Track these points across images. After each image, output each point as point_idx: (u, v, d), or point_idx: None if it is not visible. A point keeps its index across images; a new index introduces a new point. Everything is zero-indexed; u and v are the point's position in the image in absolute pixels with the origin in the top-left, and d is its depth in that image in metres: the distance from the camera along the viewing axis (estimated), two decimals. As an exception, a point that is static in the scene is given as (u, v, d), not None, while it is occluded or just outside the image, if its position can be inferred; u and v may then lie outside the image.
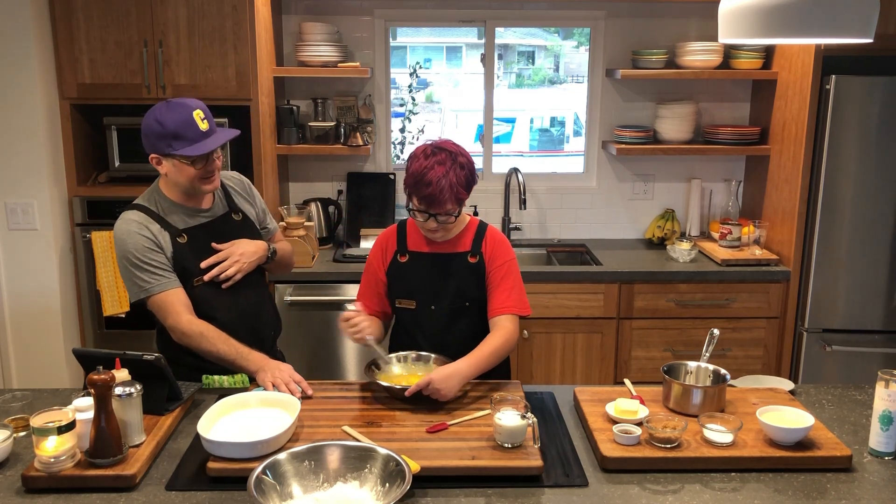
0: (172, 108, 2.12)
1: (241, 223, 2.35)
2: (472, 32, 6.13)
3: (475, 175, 2.22)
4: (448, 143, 2.21)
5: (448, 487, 1.71)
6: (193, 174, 2.15)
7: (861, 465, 1.84)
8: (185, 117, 2.10)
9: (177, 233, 2.20)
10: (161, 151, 2.13)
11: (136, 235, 2.14)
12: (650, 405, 2.02)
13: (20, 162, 3.25)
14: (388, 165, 4.00)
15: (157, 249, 2.15)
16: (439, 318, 2.29)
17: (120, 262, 2.17)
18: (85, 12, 3.26)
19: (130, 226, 2.16)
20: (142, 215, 2.19)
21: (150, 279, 2.15)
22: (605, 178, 4.02)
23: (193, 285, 2.22)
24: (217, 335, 2.16)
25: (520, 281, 2.30)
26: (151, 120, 2.12)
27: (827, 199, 3.32)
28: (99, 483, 1.70)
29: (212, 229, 2.27)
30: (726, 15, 1.86)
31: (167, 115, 2.10)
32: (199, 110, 2.13)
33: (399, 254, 2.31)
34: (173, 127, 2.09)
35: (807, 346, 3.45)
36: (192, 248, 2.21)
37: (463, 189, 2.16)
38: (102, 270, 3.36)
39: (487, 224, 2.34)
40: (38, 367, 3.41)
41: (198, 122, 2.12)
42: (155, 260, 2.15)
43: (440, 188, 2.11)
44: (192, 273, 2.21)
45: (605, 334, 3.48)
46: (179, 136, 2.09)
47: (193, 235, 2.22)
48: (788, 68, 3.48)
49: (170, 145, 2.10)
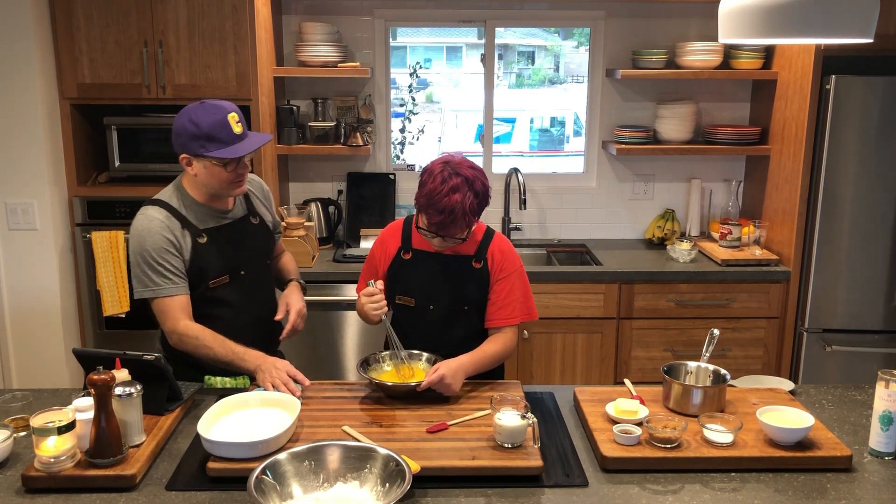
0: (207, 110, 2.10)
1: (258, 227, 2.36)
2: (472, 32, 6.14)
3: (489, 198, 2.18)
4: (464, 167, 2.13)
5: (448, 487, 1.71)
6: (224, 177, 2.14)
7: (861, 465, 1.83)
8: (220, 119, 2.09)
9: (198, 233, 2.19)
10: (193, 152, 2.10)
11: (156, 235, 2.12)
12: (650, 405, 2.02)
13: (20, 162, 3.25)
14: (388, 165, 4.00)
15: (174, 252, 2.14)
16: (436, 319, 2.29)
17: (134, 256, 2.15)
18: (85, 12, 3.26)
19: (152, 223, 2.14)
20: (164, 212, 2.16)
21: (160, 281, 2.14)
22: (605, 178, 4.02)
23: (209, 286, 2.22)
24: (213, 338, 2.15)
25: (527, 288, 2.30)
26: (185, 120, 2.10)
27: (827, 199, 3.32)
28: (99, 483, 1.70)
29: (231, 231, 2.27)
30: (726, 15, 1.86)
31: (202, 117, 2.08)
32: (234, 113, 2.13)
33: (403, 250, 2.31)
34: (208, 129, 2.07)
35: (807, 346, 3.45)
36: (211, 248, 2.21)
37: (475, 217, 2.15)
38: (102, 270, 3.36)
39: (495, 231, 2.33)
40: (38, 367, 3.41)
41: (232, 125, 2.11)
42: (170, 263, 2.14)
43: (453, 218, 2.09)
44: (209, 274, 2.21)
45: (605, 334, 3.48)
46: (213, 138, 2.08)
47: (213, 236, 2.22)
48: (788, 68, 3.48)
49: (203, 146, 2.08)
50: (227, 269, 2.24)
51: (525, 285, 2.30)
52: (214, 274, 2.22)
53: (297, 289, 2.46)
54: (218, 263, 2.22)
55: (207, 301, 2.22)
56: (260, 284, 2.35)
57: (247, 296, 2.29)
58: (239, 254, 2.27)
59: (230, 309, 2.26)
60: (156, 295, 2.15)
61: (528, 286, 2.31)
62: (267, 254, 2.40)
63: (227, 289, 2.25)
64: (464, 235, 2.19)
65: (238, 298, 2.27)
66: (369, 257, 2.38)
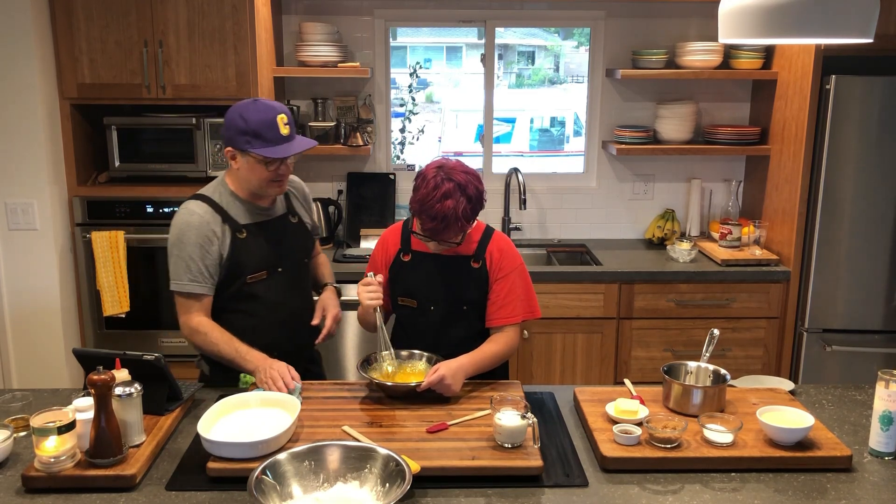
0: (258, 108, 2.14)
1: (296, 226, 2.39)
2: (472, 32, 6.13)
3: (483, 202, 2.18)
4: (457, 172, 2.12)
5: (448, 487, 1.71)
6: (265, 175, 2.18)
7: (861, 465, 1.83)
8: (269, 118, 2.13)
9: (238, 227, 2.23)
10: (238, 146, 2.15)
11: (195, 231, 2.17)
12: (650, 405, 2.02)
13: (20, 162, 3.25)
14: (388, 165, 4.00)
15: (209, 252, 2.18)
16: (437, 320, 2.29)
17: (170, 247, 2.20)
18: (85, 12, 3.26)
19: (192, 218, 2.18)
20: (205, 206, 2.20)
21: (188, 279, 2.18)
22: (605, 178, 4.02)
23: (247, 281, 2.25)
24: (220, 335, 2.18)
25: (529, 286, 2.30)
26: (236, 115, 2.14)
27: (827, 199, 3.32)
28: (99, 483, 1.70)
29: (270, 228, 2.30)
30: (726, 15, 1.86)
31: (252, 114, 2.13)
32: (283, 115, 2.16)
33: (402, 252, 2.31)
34: (255, 126, 2.11)
35: (807, 346, 3.45)
36: (250, 244, 2.25)
37: (468, 222, 2.15)
38: (102, 270, 3.36)
39: (494, 230, 2.32)
40: (38, 367, 3.41)
41: (280, 126, 2.14)
42: (202, 261, 2.17)
43: (446, 224, 2.09)
44: (247, 269, 2.24)
45: (605, 334, 3.48)
46: (259, 136, 2.12)
47: (253, 232, 2.26)
48: (788, 68, 3.48)
49: (248, 142, 2.12)
50: (264, 265, 2.27)
51: (526, 283, 2.30)
52: (252, 269, 2.25)
53: (333, 293, 2.48)
54: (256, 259, 2.25)
55: (244, 296, 2.27)
56: (297, 282, 2.38)
57: (283, 293, 2.32)
58: (277, 251, 2.30)
59: (266, 305, 2.29)
60: (181, 290, 2.19)
61: (530, 283, 2.31)
62: (305, 253, 2.44)
63: (264, 285, 2.28)
64: (458, 240, 2.20)
65: (274, 295, 2.30)
66: (371, 260, 2.39)
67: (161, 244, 3.39)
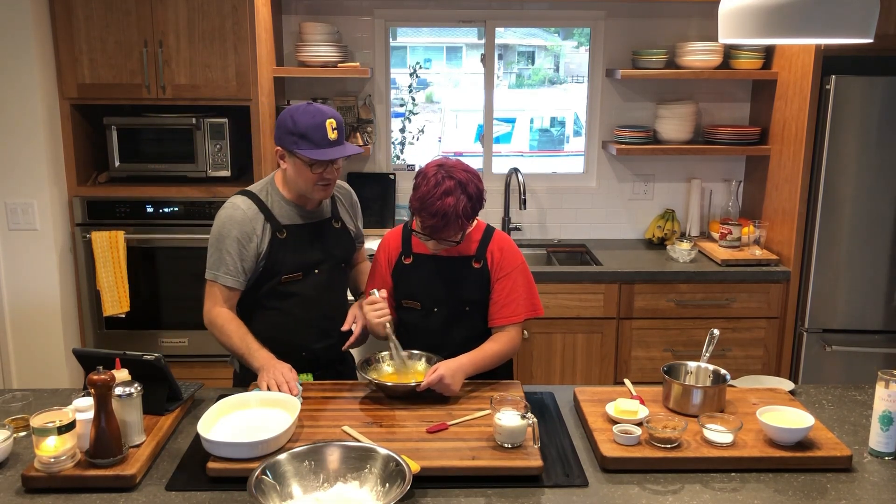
0: (308, 111, 2.18)
1: (338, 231, 2.41)
2: (472, 32, 6.14)
3: (483, 201, 2.19)
4: (458, 170, 2.13)
5: (448, 487, 1.71)
6: (310, 178, 2.21)
7: (861, 465, 1.84)
8: (318, 122, 2.16)
9: (279, 227, 2.26)
10: (287, 146, 2.19)
11: (235, 225, 2.21)
12: (650, 405, 2.02)
13: (20, 162, 3.25)
14: (388, 165, 3.99)
15: (247, 248, 2.22)
16: (440, 321, 2.29)
17: (212, 238, 2.25)
18: (85, 12, 3.26)
19: (235, 213, 2.23)
20: (249, 202, 2.25)
21: (221, 269, 2.22)
22: (605, 178, 4.02)
23: (282, 281, 2.28)
24: (235, 329, 2.21)
25: (531, 284, 2.30)
26: (287, 115, 2.19)
27: (827, 199, 3.32)
28: (99, 483, 1.70)
29: (312, 231, 2.33)
30: (726, 15, 1.86)
31: (301, 116, 2.17)
32: (332, 120, 2.18)
33: (403, 255, 2.31)
34: (304, 128, 2.15)
35: (807, 346, 3.45)
36: (289, 244, 2.28)
37: (467, 220, 2.15)
38: (102, 270, 3.36)
39: (495, 229, 2.32)
40: (38, 367, 3.41)
41: (328, 130, 2.17)
42: (238, 258, 2.22)
43: (446, 222, 2.09)
44: (284, 268, 2.28)
45: (605, 334, 3.48)
46: (307, 138, 2.15)
47: (293, 233, 2.29)
48: (788, 68, 3.48)
49: (296, 143, 2.16)
50: (301, 267, 2.30)
51: (528, 281, 2.29)
52: (288, 270, 2.28)
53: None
54: (293, 260, 2.28)
55: (278, 294, 2.30)
56: (332, 286, 2.39)
57: (317, 294, 2.34)
58: (315, 254, 2.33)
59: (299, 305, 2.32)
60: (212, 278, 2.24)
61: (532, 282, 2.31)
62: (345, 258, 2.45)
63: (300, 285, 2.31)
64: (458, 238, 2.19)
65: (308, 296, 2.33)
66: (374, 264, 2.39)
67: (161, 244, 3.43)
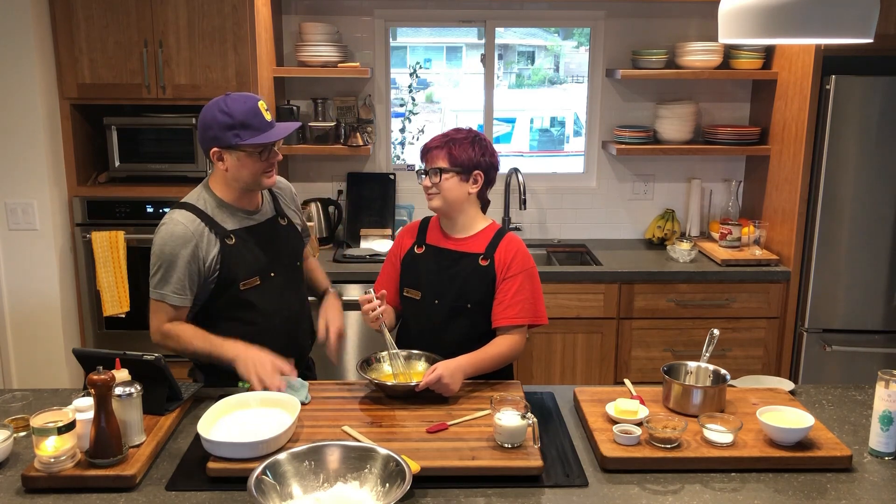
0: (237, 99, 2.09)
1: (286, 228, 2.33)
2: (472, 32, 6.13)
3: (481, 157, 2.22)
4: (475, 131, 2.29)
5: (448, 487, 1.71)
6: (258, 167, 2.12)
7: (861, 465, 1.83)
8: (251, 107, 2.08)
9: (225, 234, 2.15)
10: (227, 143, 2.08)
11: (177, 241, 2.10)
12: (650, 405, 2.02)
13: (20, 162, 3.25)
14: (388, 165, 3.99)
15: (193, 264, 2.11)
16: (439, 314, 2.28)
17: (153, 255, 2.14)
18: (85, 12, 3.26)
19: (176, 228, 2.11)
20: (190, 216, 2.13)
21: (168, 288, 2.12)
22: (605, 178, 4.02)
23: (240, 289, 2.19)
24: (193, 332, 2.14)
25: (538, 291, 2.28)
26: (215, 111, 2.08)
27: (827, 199, 3.32)
28: (99, 483, 1.70)
29: (260, 232, 2.24)
30: (726, 15, 1.86)
31: (234, 106, 2.07)
32: (262, 101, 2.12)
33: (416, 245, 2.34)
34: (242, 116, 2.06)
35: (807, 346, 3.45)
36: (240, 249, 2.18)
37: (457, 149, 2.19)
38: (102, 270, 3.36)
39: (509, 231, 2.33)
40: (38, 367, 3.41)
41: (263, 112, 2.10)
42: (186, 276, 2.11)
43: (446, 139, 2.21)
44: (239, 276, 2.17)
45: (605, 334, 3.48)
46: (247, 126, 2.06)
47: (242, 237, 2.19)
48: (788, 68, 3.48)
49: (238, 135, 2.06)
50: (256, 271, 2.21)
51: (535, 288, 2.27)
52: (244, 276, 2.18)
53: (335, 301, 2.42)
54: (247, 265, 2.19)
55: (239, 304, 2.20)
56: (291, 286, 2.32)
57: (277, 298, 2.26)
58: (269, 255, 2.24)
59: (261, 312, 2.23)
60: (158, 298, 2.15)
61: (539, 290, 2.28)
62: (297, 256, 2.38)
63: (258, 291, 2.22)
64: (446, 171, 2.20)
65: (269, 301, 2.24)
66: (389, 254, 2.42)
67: (161, 244, 3.42)
